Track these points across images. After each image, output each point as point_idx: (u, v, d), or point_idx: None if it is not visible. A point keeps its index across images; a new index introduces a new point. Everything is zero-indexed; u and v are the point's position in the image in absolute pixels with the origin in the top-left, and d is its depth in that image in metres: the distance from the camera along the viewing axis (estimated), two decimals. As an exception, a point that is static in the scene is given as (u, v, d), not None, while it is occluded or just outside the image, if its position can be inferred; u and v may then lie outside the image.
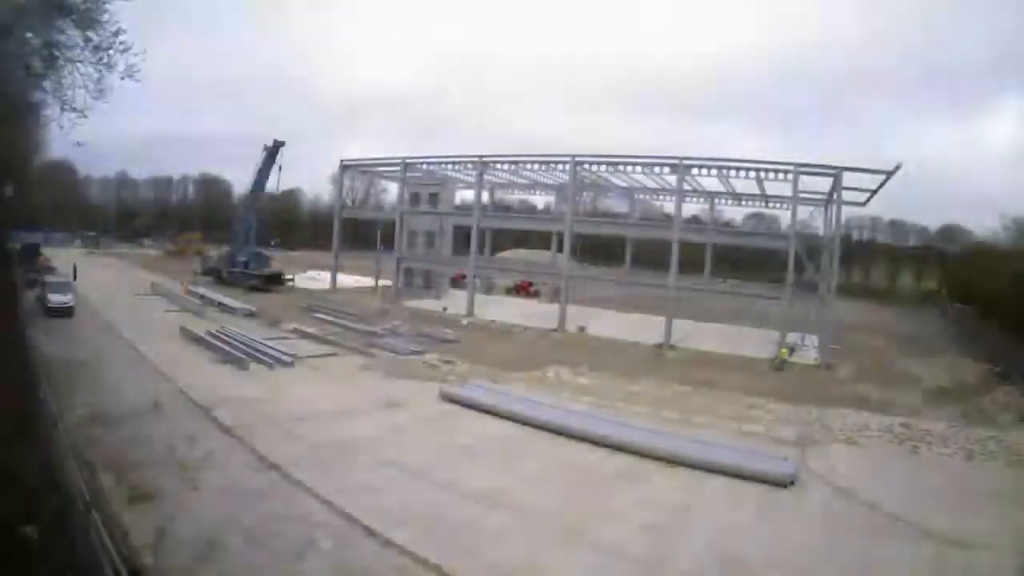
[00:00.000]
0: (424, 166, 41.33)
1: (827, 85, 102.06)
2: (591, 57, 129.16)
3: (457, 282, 45.73)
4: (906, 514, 11.11)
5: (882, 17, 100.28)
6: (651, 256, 42.07)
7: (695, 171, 31.37)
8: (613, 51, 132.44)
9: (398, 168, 40.54)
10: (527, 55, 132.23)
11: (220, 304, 31.21)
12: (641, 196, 45.89)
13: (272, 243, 55.19)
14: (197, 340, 22.35)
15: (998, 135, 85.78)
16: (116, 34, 17.22)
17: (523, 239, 66.63)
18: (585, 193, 50.74)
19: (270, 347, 21.33)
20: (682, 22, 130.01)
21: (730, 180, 34.54)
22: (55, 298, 25.81)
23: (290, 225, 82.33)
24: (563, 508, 10.65)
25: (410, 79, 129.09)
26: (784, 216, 37.66)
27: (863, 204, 34.26)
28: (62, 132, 18.12)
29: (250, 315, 29.37)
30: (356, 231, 53.30)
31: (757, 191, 36.66)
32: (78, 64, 17.16)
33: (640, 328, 31.40)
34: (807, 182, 29.93)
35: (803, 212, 36.79)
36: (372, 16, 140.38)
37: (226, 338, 22.38)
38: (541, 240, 57.86)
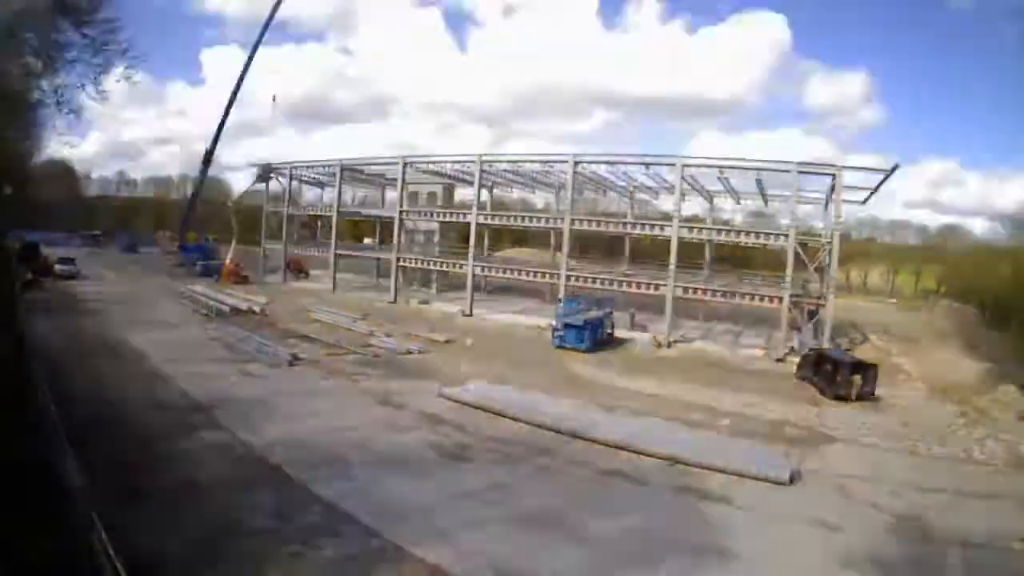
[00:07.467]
0: (425, 165, 41.36)
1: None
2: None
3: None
4: (906, 513, 11.13)
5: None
6: (651, 255, 41.94)
7: (694, 171, 31.32)
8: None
9: (396, 167, 40.44)
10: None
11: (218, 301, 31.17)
12: (641, 196, 45.73)
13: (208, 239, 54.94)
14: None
15: None
16: (115, 34, 17.20)
17: (523, 238, 66.57)
18: (585, 192, 50.58)
19: (269, 347, 21.37)
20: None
21: (730, 180, 34.48)
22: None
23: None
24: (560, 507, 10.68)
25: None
26: (784, 215, 37.56)
27: (863, 203, 34.26)
28: (61, 132, 18.18)
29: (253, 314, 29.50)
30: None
31: (756, 191, 36.61)
32: (77, 64, 17.17)
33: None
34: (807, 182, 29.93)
35: (803, 212, 36.82)
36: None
37: (224, 336, 22.40)
38: (541, 239, 57.69)
